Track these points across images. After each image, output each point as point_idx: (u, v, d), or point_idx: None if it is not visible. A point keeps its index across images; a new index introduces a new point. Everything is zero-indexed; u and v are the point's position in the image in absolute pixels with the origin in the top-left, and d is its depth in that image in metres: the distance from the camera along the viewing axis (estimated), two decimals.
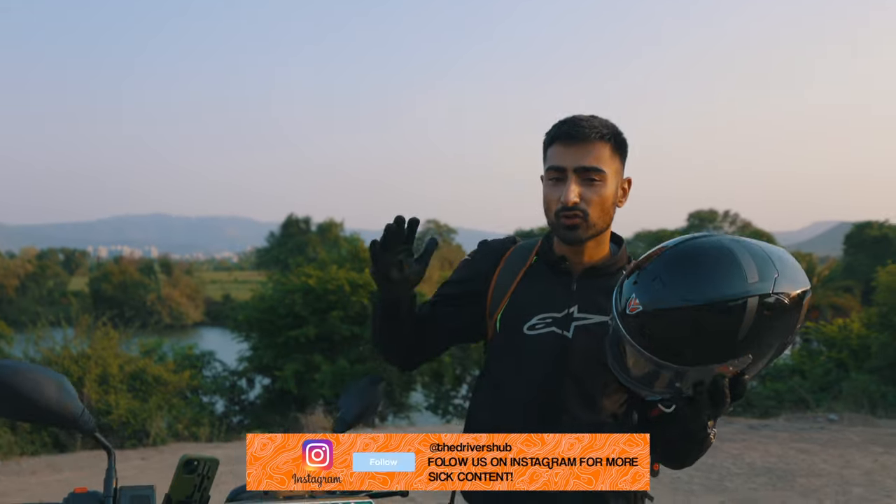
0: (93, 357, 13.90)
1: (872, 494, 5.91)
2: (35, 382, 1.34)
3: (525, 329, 1.75)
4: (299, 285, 22.32)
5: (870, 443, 7.71)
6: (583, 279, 1.75)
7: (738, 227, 60.47)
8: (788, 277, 1.40)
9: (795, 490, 6.04)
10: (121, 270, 63.59)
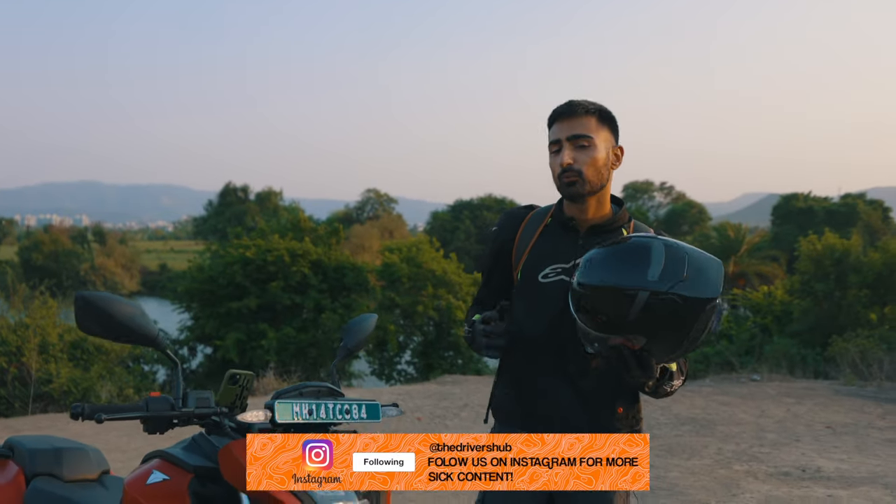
0: (31, 326, 13.70)
1: (784, 439, 6.49)
2: (124, 309, 1.62)
3: (540, 278, 2.04)
4: (238, 257, 22.25)
5: (784, 396, 8.35)
6: (588, 235, 2.04)
7: (673, 198, 61.93)
8: (695, 284, 1.68)
9: (716, 436, 6.59)
10: (52, 239, 61.58)
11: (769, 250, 35.72)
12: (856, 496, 4.86)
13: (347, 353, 1.98)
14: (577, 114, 2.00)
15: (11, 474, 2.13)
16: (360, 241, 45.62)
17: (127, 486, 1.71)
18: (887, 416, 7.32)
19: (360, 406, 1.69)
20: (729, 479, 5.32)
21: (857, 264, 16.59)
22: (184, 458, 1.68)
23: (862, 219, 45.70)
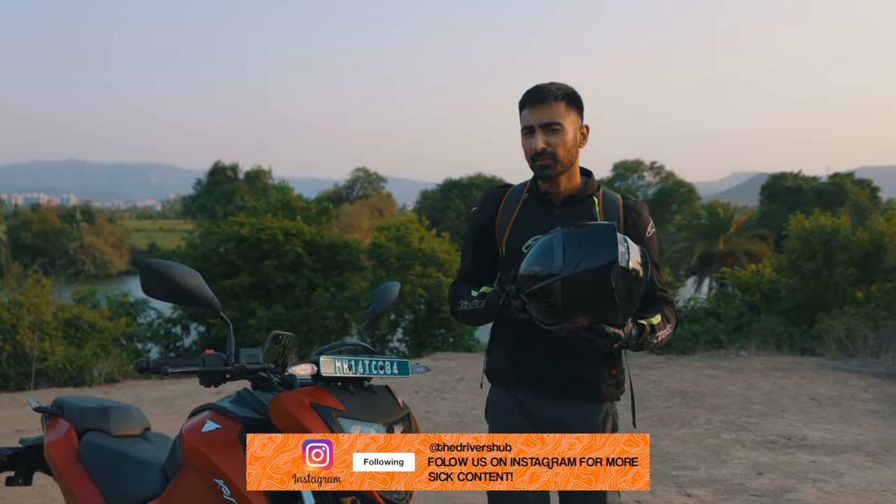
0: (25, 305, 13.76)
1: (770, 410, 6.69)
2: (183, 274, 1.79)
3: (523, 248, 2.19)
4: (232, 234, 22.32)
5: (771, 370, 8.56)
6: (563, 206, 2.23)
7: (662, 178, 62.15)
8: (592, 255, 1.86)
9: (705, 408, 6.79)
10: (40, 218, 61.30)
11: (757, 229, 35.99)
12: (839, 462, 5.07)
13: (375, 317, 2.14)
14: (546, 100, 2.15)
15: (64, 430, 2.29)
16: (349, 220, 45.67)
17: (185, 434, 1.87)
18: (870, 389, 7.54)
19: (392, 363, 1.83)
20: (718, 446, 5.52)
21: (845, 243, 16.79)
22: (233, 410, 1.84)
23: (850, 198, 46.07)
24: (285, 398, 1.73)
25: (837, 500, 4.28)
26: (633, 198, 2.29)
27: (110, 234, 64.99)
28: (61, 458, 2.22)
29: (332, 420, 1.69)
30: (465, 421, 6.51)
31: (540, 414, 2.21)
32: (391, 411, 1.81)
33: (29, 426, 6.81)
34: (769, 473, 4.82)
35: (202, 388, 8.69)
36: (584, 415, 2.20)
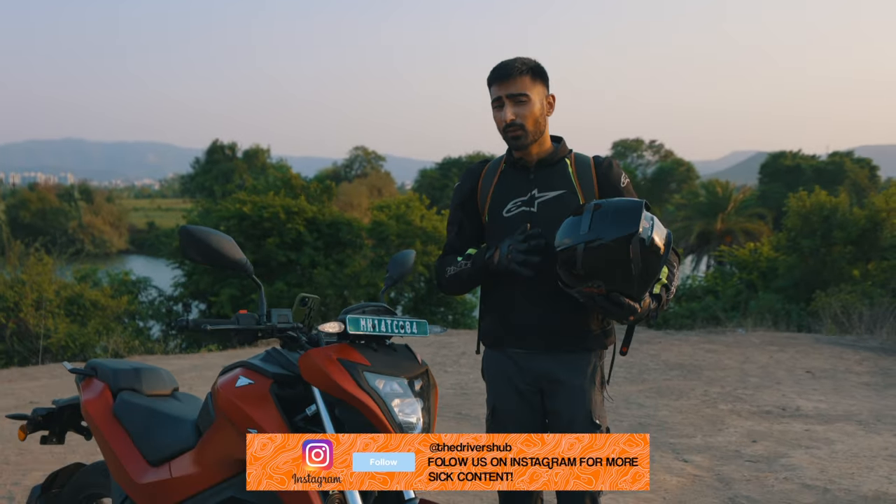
0: (28, 283, 13.88)
1: (766, 382, 6.84)
2: (219, 239, 1.92)
3: (504, 213, 2.36)
4: (233, 212, 22.41)
5: (768, 344, 8.71)
6: (537, 170, 2.37)
7: (661, 157, 62.12)
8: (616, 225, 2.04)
9: (702, 380, 6.94)
10: (39, 197, 61.27)
11: (756, 208, 36.09)
12: (831, 430, 5.22)
13: (393, 283, 2.27)
14: (513, 75, 2.29)
15: (99, 389, 2.43)
16: (348, 198, 45.69)
17: (219, 389, 2.00)
18: (864, 363, 7.69)
19: (411, 323, 1.96)
20: (714, 416, 5.68)
21: (843, 221, 16.89)
22: (263, 366, 1.98)
23: (849, 177, 46.11)
24: (314, 354, 1.86)
25: (828, 465, 4.43)
26: (602, 156, 2.42)
27: (109, 214, 64.96)
28: (98, 415, 2.36)
29: (359, 374, 1.82)
30: (467, 392, 6.66)
31: (531, 368, 2.35)
32: (412, 367, 1.94)
33: (41, 398, 6.97)
34: (763, 441, 4.97)
35: (208, 362, 8.84)
36: (573, 365, 2.32)
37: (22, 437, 2.62)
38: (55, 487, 2.64)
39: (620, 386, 6.58)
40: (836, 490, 3.99)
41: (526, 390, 2.36)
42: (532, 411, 2.37)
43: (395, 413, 1.83)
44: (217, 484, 2.02)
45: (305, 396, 1.93)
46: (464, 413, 5.89)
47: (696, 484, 4.13)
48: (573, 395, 2.31)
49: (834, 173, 47.15)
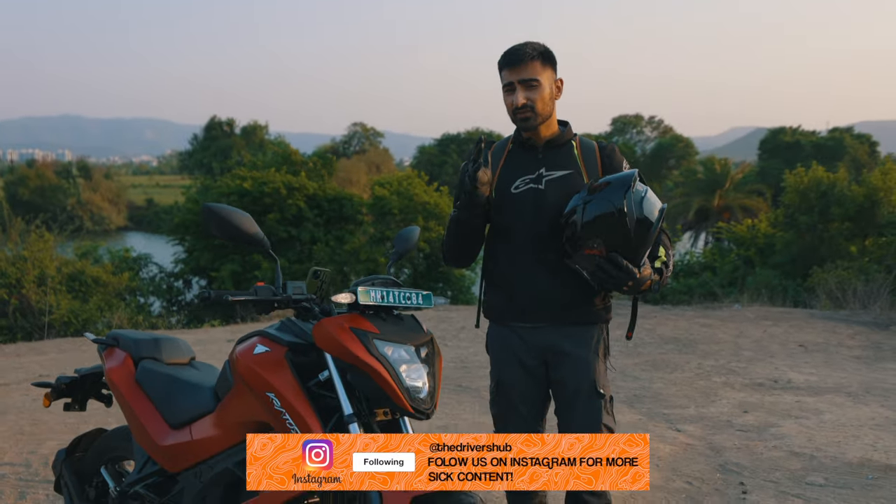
0: (29, 259, 13.95)
1: (759, 356, 7.00)
2: (239, 217, 2.05)
3: (512, 190, 2.46)
4: (233, 188, 22.48)
5: (762, 319, 8.86)
6: (545, 150, 2.48)
7: (661, 133, 62.00)
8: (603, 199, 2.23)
9: (697, 353, 7.09)
10: (37, 174, 61.17)
11: (755, 184, 36.14)
12: (821, 402, 5.38)
13: (399, 257, 2.39)
14: (524, 61, 2.38)
15: (121, 358, 2.56)
16: (347, 175, 45.67)
17: (238, 356, 2.14)
18: (856, 337, 7.84)
19: (417, 294, 2.09)
20: (707, 388, 5.83)
21: (840, 197, 16.94)
22: (279, 335, 2.11)
23: (849, 153, 46.06)
24: (327, 323, 1.99)
25: (816, 433, 4.59)
26: (605, 142, 2.54)
27: (107, 190, 64.83)
28: (122, 382, 2.49)
29: (369, 342, 1.95)
30: (467, 366, 6.81)
31: (537, 341, 2.45)
32: (418, 335, 2.07)
33: (49, 370, 7.12)
34: (754, 411, 5.13)
35: (212, 336, 8.99)
36: (578, 338, 2.42)
37: (46, 404, 2.76)
38: (79, 451, 2.78)
39: (616, 359, 6.72)
40: (822, 457, 4.15)
41: (530, 363, 2.46)
42: (536, 384, 2.48)
43: (403, 378, 1.96)
44: (236, 444, 2.16)
45: (318, 363, 2.06)
46: (464, 385, 6.04)
47: (688, 452, 4.28)
48: (578, 366, 2.41)
49: (833, 149, 47.08)
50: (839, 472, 3.91)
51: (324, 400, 2.04)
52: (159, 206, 60.87)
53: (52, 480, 3.97)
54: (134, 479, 2.45)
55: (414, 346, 2.02)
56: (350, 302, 2.00)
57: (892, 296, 9.88)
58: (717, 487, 3.71)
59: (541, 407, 2.52)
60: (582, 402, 2.41)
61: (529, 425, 2.49)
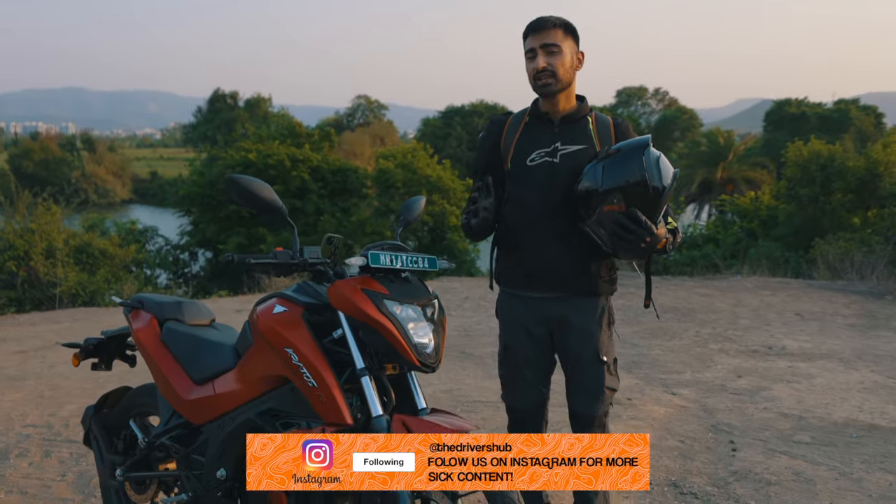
0: (37, 231, 14.08)
1: (756, 324, 7.17)
2: (260, 187, 2.21)
3: (528, 162, 2.56)
4: (238, 160, 22.60)
5: (761, 289, 9.02)
6: (561, 124, 2.57)
7: (665, 105, 61.80)
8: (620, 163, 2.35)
9: (695, 322, 7.27)
10: (41, 147, 61.22)
11: (760, 156, 36.09)
12: (813, 367, 5.55)
13: (405, 225, 2.53)
14: (546, 27, 2.50)
15: (147, 319, 2.73)
16: (351, 147, 45.69)
17: (259, 315, 2.30)
18: (852, 306, 8.00)
19: (423, 258, 2.24)
20: (704, 355, 6.01)
21: (842, 170, 16.99)
22: (296, 296, 2.27)
23: (854, 124, 45.87)
24: (341, 284, 2.15)
25: (806, 396, 4.77)
26: (620, 118, 2.65)
27: (111, 163, 64.85)
28: (148, 341, 2.66)
29: (380, 301, 2.11)
30: (470, 334, 7.00)
31: (543, 311, 2.59)
32: (424, 296, 2.22)
33: (64, 337, 7.32)
34: (748, 376, 5.31)
35: (221, 307, 9.18)
36: (583, 309, 2.56)
37: (76, 363, 2.93)
38: (105, 408, 2.96)
39: (617, 328, 6.91)
40: (811, 417, 4.33)
41: (536, 332, 2.61)
42: (541, 350, 2.63)
43: (411, 334, 2.12)
44: (256, 398, 2.33)
45: (332, 322, 2.23)
46: (467, 352, 6.23)
47: (682, 413, 4.46)
48: (582, 335, 2.55)
49: (839, 121, 46.88)
50: (825, 432, 4.09)
51: (337, 356, 2.20)
52: (163, 179, 60.97)
53: (74, 441, 4.19)
54: (160, 432, 2.63)
55: (420, 306, 2.18)
56: (362, 265, 2.16)
57: (892, 266, 10.01)
58: (708, 446, 3.89)
59: (546, 371, 2.68)
60: (586, 368, 2.57)
61: (534, 388, 2.65)
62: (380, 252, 2.17)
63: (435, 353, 2.17)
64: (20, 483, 3.58)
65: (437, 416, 2.15)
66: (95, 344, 2.92)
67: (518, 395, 2.66)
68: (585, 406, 2.58)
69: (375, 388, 2.14)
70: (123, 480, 2.78)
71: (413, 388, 2.23)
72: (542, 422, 2.70)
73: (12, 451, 4.02)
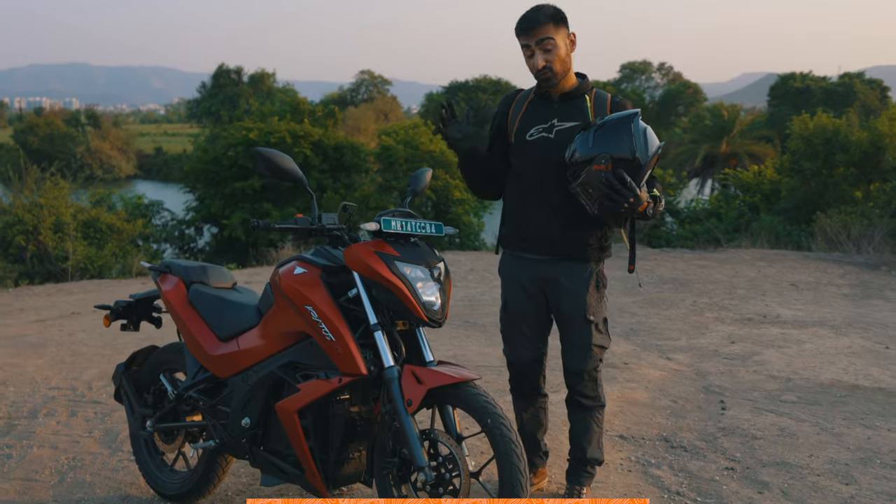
0: (45, 206, 14.25)
1: (752, 294, 7.37)
2: (282, 158, 2.42)
3: (527, 137, 2.79)
4: (240, 139, 22.74)
5: (758, 260, 9.21)
6: (560, 102, 2.78)
7: (670, 79, 61.55)
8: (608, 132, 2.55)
9: (693, 292, 7.47)
10: (46, 123, 61.29)
11: (764, 130, 36.07)
12: (804, 334, 5.76)
13: (414, 194, 2.74)
14: (538, 24, 2.68)
15: (175, 282, 2.96)
16: (355, 123, 45.72)
17: (282, 275, 2.52)
18: (846, 276, 8.19)
19: (431, 224, 2.46)
20: (699, 323, 6.22)
21: (845, 143, 17.01)
22: (314, 259, 2.49)
23: (859, 98, 45.71)
24: (357, 247, 2.37)
25: (795, 360, 4.98)
26: (619, 96, 2.85)
27: (116, 139, 64.88)
28: (177, 302, 2.88)
29: (391, 263, 2.32)
30: (474, 304, 7.21)
31: (538, 272, 2.81)
32: (432, 259, 2.44)
33: (79, 308, 7.56)
34: (741, 342, 5.52)
35: None
36: (572, 272, 2.78)
37: (107, 324, 3.16)
38: (135, 365, 3.18)
39: (616, 297, 7.11)
40: (798, 379, 4.54)
41: (532, 290, 2.84)
42: (537, 306, 2.86)
43: (420, 293, 2.33)
44: (278, 352, 2.55)
45: (346, 283, 2.44)
46: (471, 322, 6.44)
47: (676, 376, 4.68)
48: (571, 297, 2.78)
49: (844, 95, 46.71)
50: (811, 392, 4.31)
51: (352, 313, 2.42)
52: (168, 155, 61.12)
53: (97, 402, 4.42)
54: (188, 385, 2.85)
55: (428, 267, 2.40)
56: (375, 230, 2.37)
57: (889, 238, 10.17)
58: (699, 405, 4.11)
59: (542, 328, 2.91)
60: (576, 327, 2.80)
61: (531, 343, 2.88)
62: (391, 218, 2.38)
63: (441, 310, 2.39)
64: (50, 439, 3.80)
65: (443, 367, 2.38)
66: (125, 306, 3.14)
67: (516, 349, 2.89)
68: (576, 361, 2.81)
69: (388, 342, 2.37)
70: (153, 431, 3.01)
71: (421, 343, 2.45)
72: (539, 376, 2.92)
73: (40, 411, 4.25)
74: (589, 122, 2.68)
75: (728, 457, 3.35)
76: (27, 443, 3.72)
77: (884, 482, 3.06)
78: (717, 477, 3.14)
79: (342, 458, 2.48)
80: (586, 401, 2.83)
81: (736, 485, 3.06)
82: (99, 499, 3.07)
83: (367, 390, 2.46)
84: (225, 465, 2.91)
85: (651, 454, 3.40)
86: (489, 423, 2.22)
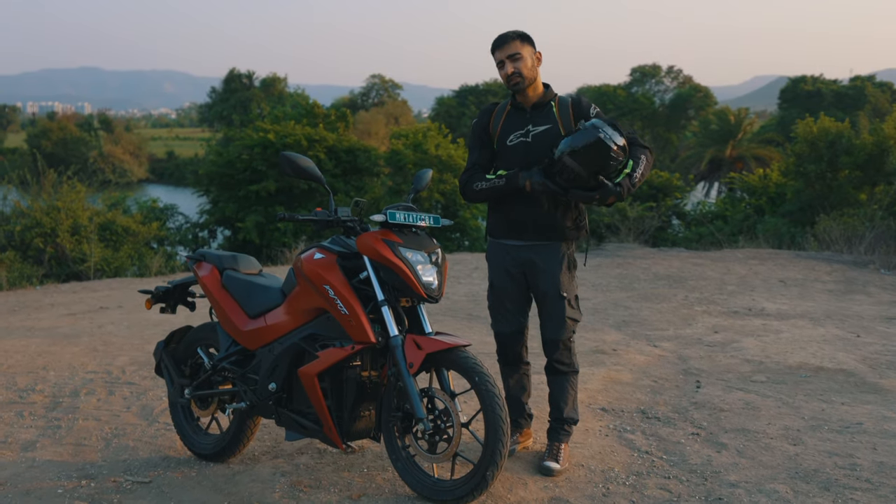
0: (63, 209, 14.69)
1: (741, 290, 7.77)
2: (305, 160, 2.88)
3: (507, 142, 3.29)
4: (256, 140, 23.23)
5: (750, 259, 9.61)
6: (532, 110, 3.27)
7: (680, 83, 61.78)
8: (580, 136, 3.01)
9: (685, 288, 7.87)
10: (59, 127, 62.13)
11: (772, 134, 36.33)
12: (784, 325, 6.17)
13: (416, 192, 3.19)
14: (507, 42, 3.23)
15: (209, 269, 3.43)
16: (365, 127, 46.21)
17: (304, 260, 2.97)
18: (833, 273, 8.58)
19: (429, 217, 2.92)
20: (688, 315, 6.64)
21: (849, 146, 17.23)
22: (331, 246, 2.95)
23: (870, 101, 45.83)
24: (367, 236, 2.83)
25: (770, 347, 5.39)
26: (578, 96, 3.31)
27: (128, 143, 65.65)
28: (212, 286, 3.35)
29: (396, 248, 2.78)
30: (477, 300, 7.65)
31: (518, 256, 3.27)
32: (430, 245, 2.90)
33: (106, 303, 8.04)
34: (723, 332, 5.93)
35: None
36: (547, 253, 3.25)
37: (148, 307, 3.63)
38: (173, 342, 3.64)
39: (612, 293, 7.55)
40: (769, 363, 4.97)
41: (514, 272, 3.31)
42: (518, 286, 3.33)
43: (420, 274, 2.79)
44: (300, 326, 3.01)
45: (358, 267, 2.90)
46: (474, 315, 6.87)
47: (659, 361, 5.10)
48: (546, 276, 3.25)
49: (855, 98, 46.89)
50: (779, 373, 4.73)
51: (363, 292, 2.88)
52: (180, 159, 61.87)
53: (132, 383, 4.88)
54: (222, 357, 3.31)
55: (427, 252, 2.86)
56: (382, 221, 2.83)
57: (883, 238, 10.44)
58: (677, 384, 4.53)
59: (522, 305, 3.38)
60: (551, 302, 3.27)
61: (514, 317, 3.35)
62: (396, 211, 2.85)
63: (438, 289, 2.86)
64: (93, 413, 4.26)
65: (439, 336, 2.83)
66: (164, 291, 3.60)
67: (501, 323, 3.37)
68: (552, 332, 3.28)
69: (393, 316, 2.83)
70: (190, 398, 3.47)
71: (421, 317, 2.92)
72: (521, 345, 3.40)
73: (81, 391, 4.71)
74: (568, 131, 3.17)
75: (696, 425, 3.77)
76: (73, 416, 4.17)
77: (827, 443, 3.49)
78: (683, 440, 3.56)
79: (355, 416, 2.93)
80: (562, 367, 3.29)
81: (698, 446, 3.49)
82: (142, 459, 3.52)
83: (375, 357, 2.93)
84: (253, 428, 3.37)
85: (628, 423, 3.83)
86: (476, 380, 2.67)
